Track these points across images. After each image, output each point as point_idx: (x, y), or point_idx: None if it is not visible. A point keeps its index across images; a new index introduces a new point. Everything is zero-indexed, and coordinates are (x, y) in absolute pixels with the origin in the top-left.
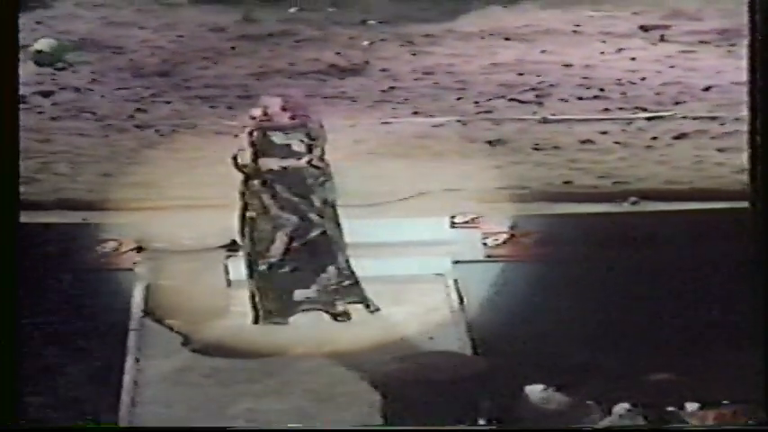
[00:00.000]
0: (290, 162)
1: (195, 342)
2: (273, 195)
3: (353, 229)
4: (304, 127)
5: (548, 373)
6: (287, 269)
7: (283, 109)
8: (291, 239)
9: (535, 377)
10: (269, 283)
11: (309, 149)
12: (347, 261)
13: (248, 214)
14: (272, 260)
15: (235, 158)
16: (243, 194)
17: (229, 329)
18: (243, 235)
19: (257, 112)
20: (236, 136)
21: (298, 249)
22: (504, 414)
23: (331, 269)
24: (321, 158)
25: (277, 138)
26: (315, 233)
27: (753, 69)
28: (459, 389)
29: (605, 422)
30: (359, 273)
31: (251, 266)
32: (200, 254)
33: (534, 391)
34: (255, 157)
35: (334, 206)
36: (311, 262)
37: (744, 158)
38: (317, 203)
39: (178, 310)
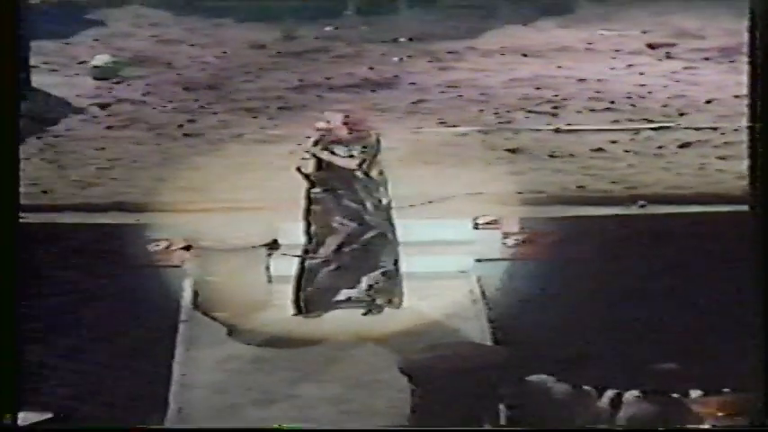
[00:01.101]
0: (349, 171)
1: (240, 333)
2: (334, 201)
3: None
4: (362, 139)
5: (561, 361)
6: (332, 268)
7: (345, 123)
8: (344, 242)
9: (549, 365)
10: (314, 280)
11: (366, 160)
12: (396, 262)
13: (310, 217)
14: (321, 259)
15: (299, 168)
16: (307, 199)
17: (271, 321)
18: (306, 234)
19: (322, 124)
20: (299, 144)
21: (350, 251)
22: (521, 399)
23: (376, 272)
24: (377, 167)
25: (338, 149)
26: (369, 235)
27: (753, 83)
28: (481, 376)
29: (619, 415)
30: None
31: (302, 262)
32: (244, 252)
33: (544, 380)
34: (319, 166)
35: (388, 210)
36: (361, 263)
37: (743, 165)
38: (373, 208)
39: (224, 304)
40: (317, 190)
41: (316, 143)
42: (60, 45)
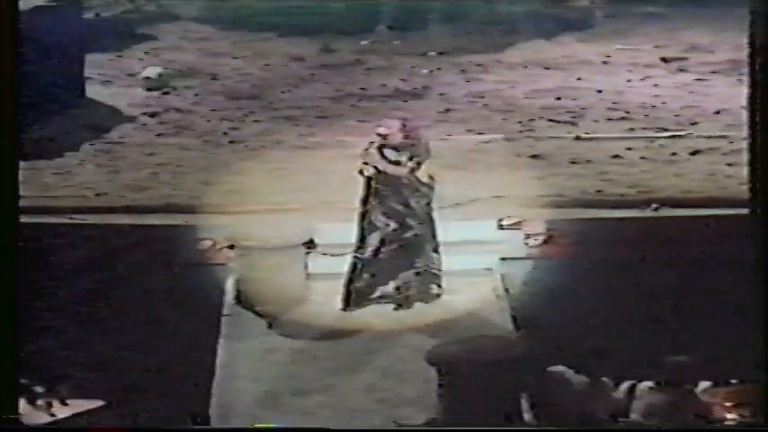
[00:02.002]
0: (398, 175)
1: (279, 326)
2: (381, 202)
3: None
4: (413, 146)
5: (579, 354)
6: (372, 266)
7: (401, 130)
8: (384, 241)
9: (568, 358)
10: (358, 277)
11: (415, 165)
12: (431, 263)
13: (363, 218)
14: (364, 256)
15: (361, 171)
16: (364, 200)
17: (308, 315)
18: (359, 233)
19: (382, 130)
20: (366, 149)
21: (389, 250)
22: (541, 389)
23: (410, 272)
24: (426, 172)
25: (390, 154)
26: (408, 236)
27: (752, 94)
28: (504, 367)
29: (634, 405)
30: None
31: (353, 260)
32: (284, 251)
33: (563, 371)
34: (375, 170)
35: (430, 213)
36: (397, 262)
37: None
38: (416, 211)
39: (264, 299)
40: (370, 191)
41: (370, 148)
42: (113, 58)
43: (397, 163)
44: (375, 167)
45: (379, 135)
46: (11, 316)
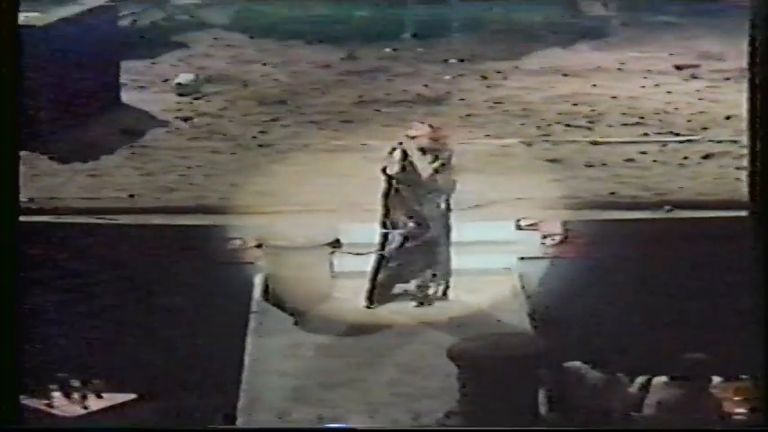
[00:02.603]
0: (421, 176)
1: (305, 322)
2: (402, 202)
3: None
4: (438, 150)
5: (596, 350)
6: (393, 264)
7: (428, 133)
8: (406, 239)
9: (584, 354)
10: (379, 274)
11: (438, 168)
12: (447, 262)
13: (386, 216)
14: (386, 254)
15: (384, 169)
16: (385, 197)
17: (333, 312)
18: (382, 232)
19: (412, 132)
20: (394, 148)
21: (410, 249)
22: (558, 384)
23: (428, 271)
24: (448, 176)
25: (415, 156)
26: (427, 236)
27: (752, 100)
28: (522, 363)
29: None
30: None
31: (377, 259)
32: (310, 250)
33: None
34: (402, 168)
35: (447, 216)
36: (417, 261)
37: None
38: (435, 212)
39: (291, 296)
40: (393, 190)
41: (396, 149)
42: (147, 65)
43: (422, 164)
44: (402, 165)
45: (408, 136)
46: (10, 319)
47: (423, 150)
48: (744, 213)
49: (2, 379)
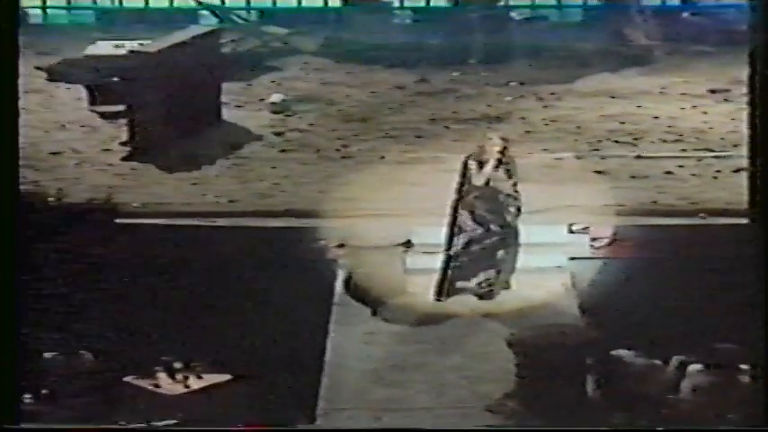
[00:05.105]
0: (491, 186)
1: (381, 313)
2: (472, 210)
3: None
4: (507, 163)
5: (639, 340)
6: (458, 262)
7: (501, 147)
8: (470, 242)
9: (629, 343)
10: (446, 271)
11: (506, 177)
12: (513, 262)
13: (455, 220)
14: (452, 254)
15: (465, 164)
16: (455, 206)
17: (406, 304)
18: (449, 233)
19: (490, 143)
20: (469, 156)
21: (473, 250)
22: (605, 370)
23: (491, 270)
24: (513, 184)
25: (488, 167)
26: (491, 240)
27: (752, 116)
28: (572, 350)
29: (683, 384)
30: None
31: (446, 257)
32: (386, 250)
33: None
34: (484, 182)
35: (515, 220)
36: (481, 261)
37: None
38: (503, 219)
39: (369, 290)
40: (464, 197)
41: (469, 161)
42: (244, 86)
43: (493, 174)
44: (478, 164)
45: (484, 148)
46: (11, 320)
47: (499, 162)
48: None
49: (2, 379)
